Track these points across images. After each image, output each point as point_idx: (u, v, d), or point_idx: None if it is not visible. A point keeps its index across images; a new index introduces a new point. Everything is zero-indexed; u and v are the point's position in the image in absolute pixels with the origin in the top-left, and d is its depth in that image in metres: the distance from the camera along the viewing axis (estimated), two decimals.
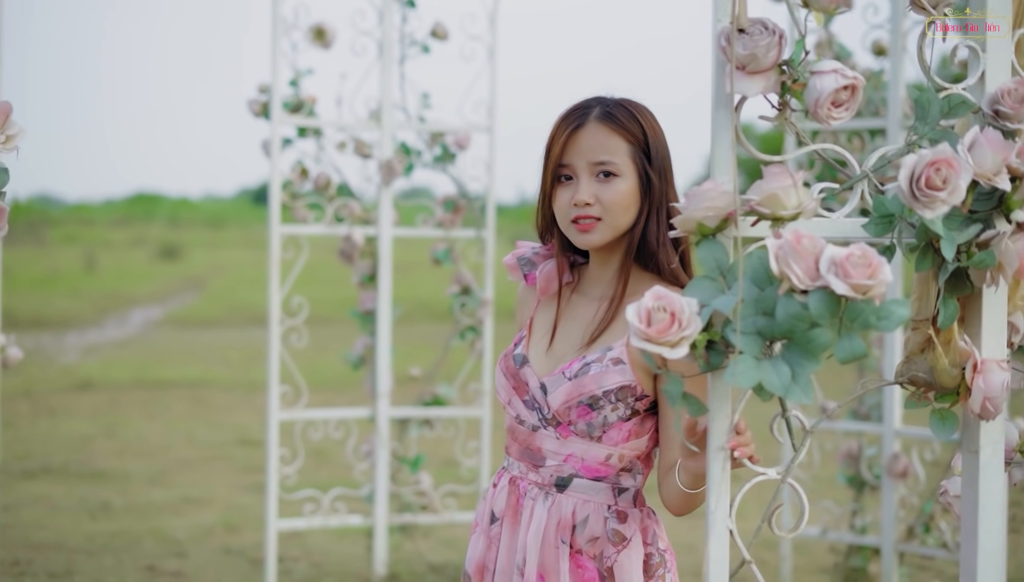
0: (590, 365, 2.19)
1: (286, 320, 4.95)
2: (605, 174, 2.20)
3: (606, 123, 2.21)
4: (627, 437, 2.22)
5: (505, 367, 2.31)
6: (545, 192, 2.27)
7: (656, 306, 1.76)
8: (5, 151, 2.18)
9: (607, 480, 2.23)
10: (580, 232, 2.21)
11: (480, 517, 2.35)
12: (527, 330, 2.33)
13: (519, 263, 2.38)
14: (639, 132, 2.23)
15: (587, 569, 2.22)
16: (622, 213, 2.21)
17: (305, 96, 4.91)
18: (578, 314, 2.30)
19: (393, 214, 4.94)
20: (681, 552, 4.62)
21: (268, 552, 4.89)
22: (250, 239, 34.86)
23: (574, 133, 2.21)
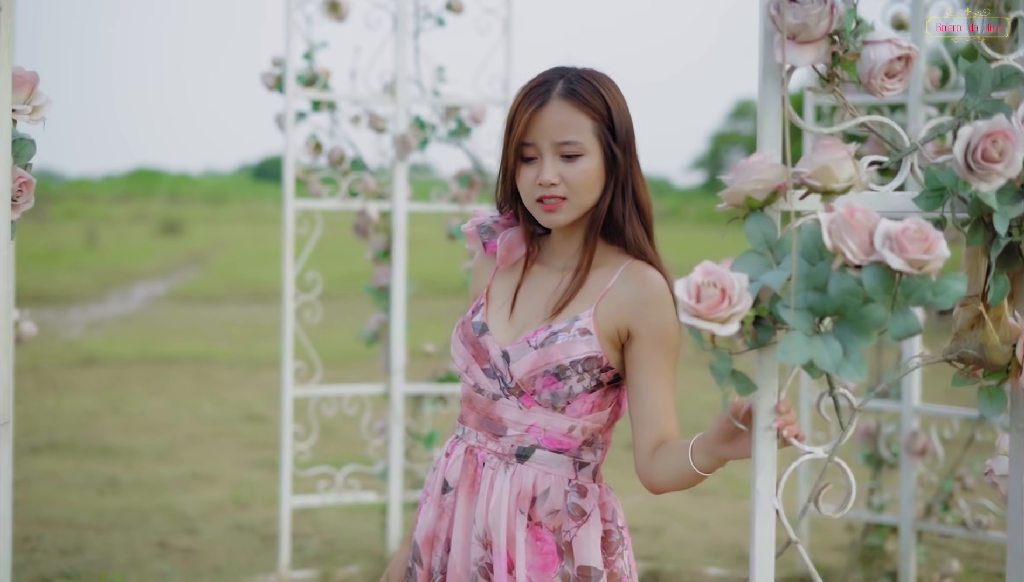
0: (557, 335, 2.16)
1: (300, 296, 4.89)
2: (569, 153, 2.16)
3: (569, 101, 2.16)
4: (590, 409, 2.19)
5: (464, 334, 2.27)
6: (507, 168, 2.23)
7: (706, 281, 1.72)
8: (32, 122, 2.13)
9: (568, 453, 2.20)
10: (545, 212, 2.18)
11: (430, 486, 2.31)
12: (484, 298, 2.30)
13: (478, 231, 2.34)
14: (603, 108, 2.18)
15: (546, 541, 2.19)
16: (587, 192, 2.18)
17: (319, 69, 4.86)
18: (540, 284, 2.26)
19: (407, 189, 4.89)
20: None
21: (282, 529, 4.86)
22: (251, 215, 34.82)
23: (537, 112, 2.16)
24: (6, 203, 2.04)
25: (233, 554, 5.38)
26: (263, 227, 31.03)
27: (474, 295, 2.37)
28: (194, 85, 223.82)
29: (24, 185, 2.12)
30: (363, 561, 5.14)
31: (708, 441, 1.97)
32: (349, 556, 5.25)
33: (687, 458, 2.03)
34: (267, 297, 18.87)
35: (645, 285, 2.18)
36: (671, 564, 5.10)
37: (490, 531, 2.18)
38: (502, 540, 2.17)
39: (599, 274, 2.22)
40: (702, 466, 2.02)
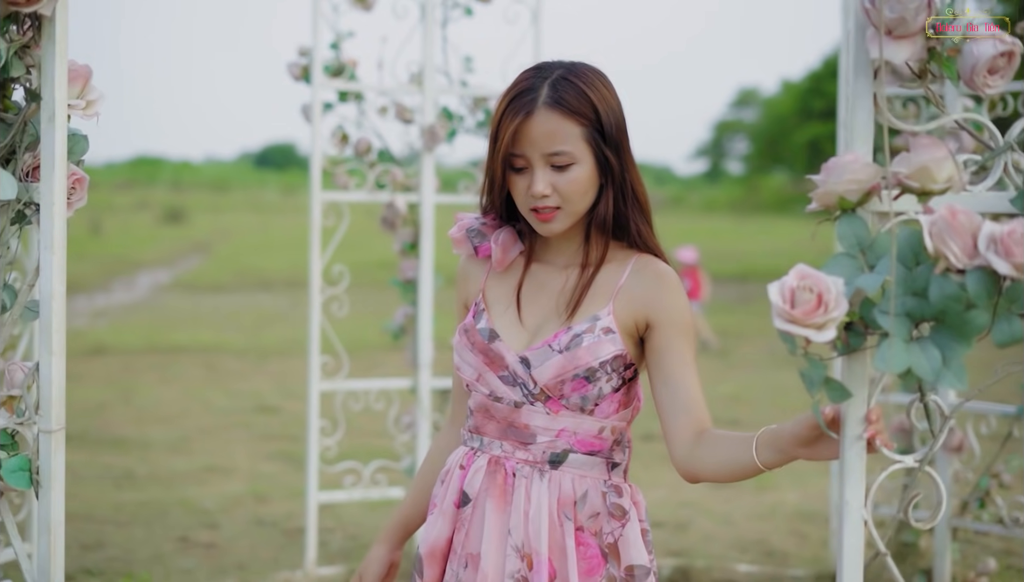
0: (581, 336, 2.10)
1: (326, 289, 4.83)
2: (559, 163, 2.08)
3: (556, 109, 2.07)
4: (617, 408, 2.15)
5: (471, 342, 2.19)
6: (496, 178, 2.15)
7: (801, 285, 1.66)
8: (86, 117, 2.07)
9: (601, 454, 2.15)
10: (541, 221, 2.12)
11: (438, 498, 2.23)
12: (483, 302, 2.22)
13: (467, 235, 2.25)
14: (590, 111, 2.09)
15: (589, 546, 2.13)
16: (580, 198, 2.11)
17: (346, 60, 4.79)
18: (543, 283, 2.20)
19: (435, 181, 4.82)
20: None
21: (308, 524, 4.81)
22: (254, 202, 34.76)
23: (523, 123, 2.07)
24: (63, 202, 1.97)
25: (256, 549, 5.32)
26: (266, 215, 31.01)
27: (463, 300, 2.29)
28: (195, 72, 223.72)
29: (77, 182, 2.06)
30: None
31: (782, 440, 1.91)
32: None
33: (750, 453, 1.97)
34: (273, 286, 18.84)
35: (661, 277, 2.15)
36: (700, 560, 5.04)
37: (530, 542, 2.11)
38: (544, 549, 2.10)
39: (609, 270, 2.17)
40: (768, 462, 1.96)
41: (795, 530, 5.73)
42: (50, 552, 2.01)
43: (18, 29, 1.95)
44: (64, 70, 1.96)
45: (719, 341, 13.12)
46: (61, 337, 1.98)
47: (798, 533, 5.68)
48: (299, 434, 8.08)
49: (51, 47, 1.94)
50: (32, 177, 2.01)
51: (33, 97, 1.96)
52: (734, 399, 9.66)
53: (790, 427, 1.89)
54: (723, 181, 44.87)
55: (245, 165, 50.57)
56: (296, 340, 12.75)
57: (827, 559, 4.96)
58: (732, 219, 30.35)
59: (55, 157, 1.95)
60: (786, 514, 5.99)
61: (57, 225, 1.97)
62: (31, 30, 1.96)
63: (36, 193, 1.98)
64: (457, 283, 2.32)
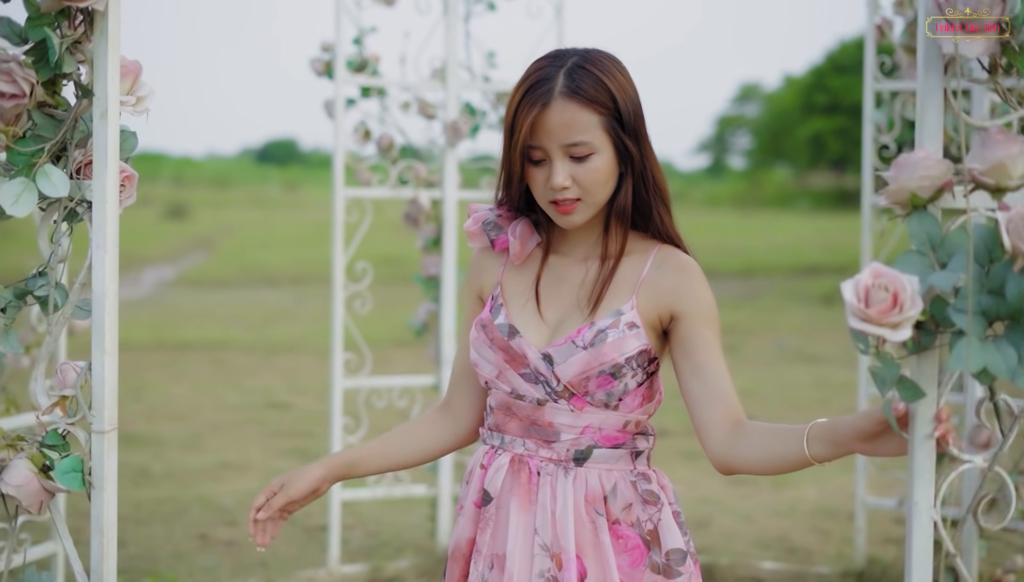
0: (606, 332, 2.05)
1: (349, 285, 4.80)
2: (578, 154, 2.04)
3: (573, 99, 2.03)
4: (641, 403, 2.11)
5: (490, 338, 2.14)
6: (514, 171, 2.09)
7: (876, 284, 1.64)
8: (136, 114, 2.04)
9: (625, 446, 2.12)
10: (561, 214, 2.08)
11: (463, 499, 2.20)
12: (501, 297, 2.17)
13: (484, 227, 2.21)
14: (608, 100, 2.05)
15: (629, 537, 2.10)
16: (600, 189, 2.07)
17: (369, 55, 4.76)
18: (562, 277, 2.16)
19: (457, 177, 4.80)
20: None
21: (332, 522, 4.79)
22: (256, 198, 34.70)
23: (540, 114, 2.03)
24: (115, 200, 1.95)
25: (277, 547, 5.30)
26: (268, 211, 30.96)
27: (477, 292, 2.25)
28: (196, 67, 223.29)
29: (127, 179, 2.03)
30: (411, 555, 5.07)
31: (840, 433, 1.88)
32: (395, 549, 5.17)
33: (800, 445, 1.93)
34: (278, 281, 18.82)
35: (684, 269, 2.11)
36: (724, 558, 5.02)
37: (557, 542, 2.08)
38: (571, 548, 2.06)
39: (630, 262, 2.13)
40: (820, 456, 1.92)
41: (816, 527, 5.71)
42: (103, 553, 1.99)
43: (70, 24, 1.93)
44: (116, 66, 1.93)
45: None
46: (114, 336, 1.96)
47: (819, 530, 5.66)
48: (312, 430, 8.07)
49: (103, 42, 1.91)
50: (82, 174, 1.98)
51: (85, 93, 1.94)
52: (745, 394, 9.63)
53: (851, 421, 1.86)
54: (725, 176, 44.84)
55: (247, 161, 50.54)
56: (303, 336, 12.74)
57: (851, 556, 4.93)
58: (735, 214, 30.30)
59: (108, 154, 1.93)
60: (806, 511, 5.97)
61: (110, 223, 1.95)
62: (83, 25, 1.93)
63: (87, 190, 1.95)
64: (470, 274, 2.28)
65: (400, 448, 2.27)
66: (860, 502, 4.79)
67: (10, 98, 1.88)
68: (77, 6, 1.87)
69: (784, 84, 42.19)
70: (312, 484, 2.20)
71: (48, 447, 1.97)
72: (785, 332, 13.69)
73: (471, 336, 2.17)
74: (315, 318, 14.47)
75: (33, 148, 1.93)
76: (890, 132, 4.68)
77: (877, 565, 4.76)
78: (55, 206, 1.98)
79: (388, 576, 4.77)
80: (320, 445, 7.59)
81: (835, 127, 35.94)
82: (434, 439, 2.29)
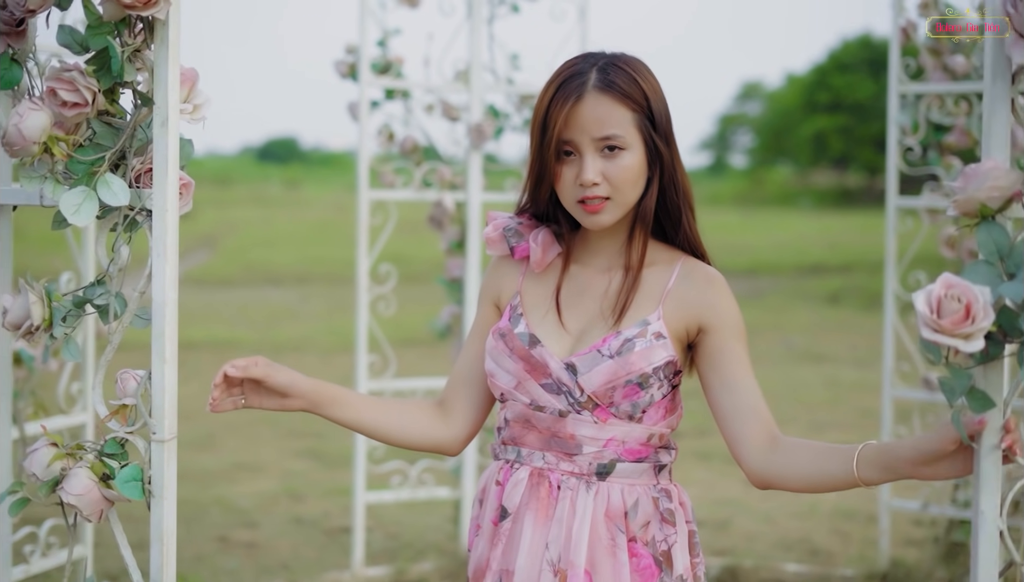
0: (633, 341, 2.01)
1: (373, 288, 4.80)
2: (610, 148, 2.01)
3: (607, 93, 2.01)
4: (664, 415, 2.07)
5: (510, 347, 2.08)
6: (543, 171, 2.06)
7: (948, 295, 1.64)
8: (192, 121, 2.03)
9: (648, 460, 2.07)
10: (588, 213, 2.03)
11: (480, 519, 2.15)
12: (521, 306, 2.12)
13: (504, 235, 2.16)
14: (641, 97, 2.03)
15: (642, 557, 2.04)
16: (631, 189, 2.04)
17: (393, 57, 4.75)
18: (584, 286, 2.11)
19: (481, 179, 4.80)
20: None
21: (356, 525, 4.79)
22: (257, 197, 34.66)
23: (574, 107, 2.01)
24: (175, 208, 1.95)
25: (298, 549, 5.30)
26: (270, 209, 30.92)
27: (493, 300, 2.20)
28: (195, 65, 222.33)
29: (184, 187, 2.03)
30: (433, 557, 5.07)
31: (896, 458, 1.84)
32: (417, 552, 5.16)
33: (849, 468, 1.89)
34: (282, 281, 18.81)
35: (712, 281, 2.08)
36: (747, 560, 5.01)
37: (566, 556, 2.02)
38: (580, 562, 2.00)
39: (654, 272, 2.10)
40: (870, 479, 1.89)
41: (837, 529, 5.71)
42: (163, 561, 1.99)
43: (129, 32, 1.92)
44: (177, 74, 1.92)
45: None
46: (173, 345, 1.96)
47: (840, 532, 5.66)
48: (324, 431, 8.06)
49: (164, 50, 1.91)
50: (141, 183, 1.97)
51: (145, 101, 1.93)
52: None
53: (913, 444, 1.82)
54: (727, 175, 44.85)
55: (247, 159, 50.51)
56: (309, 336, 12.73)
57: (874, 558, 4.93)
58: (737, 213, 30.28)
59: (168, 163, 1.92)
60: (826, 512, 5.97)
61: (170, 231, 1.95)
62: (143, 33, 1.93)
63: (146, 198, 1.95)
64: (486, 281, 2.23)
65: (383, 414, 2.16)
66: (884, 504, 4.79)
67: (72, 107, 1.88)
68: (141, 15, 1.86)
69: (786, 82, 42.21)
70: (291, 383, 2.09)
71: (107, 456, 1.97)
72: (792, 331, 13.69)
73: (488, 345, 2.12)
74: (320, 317, 14.47)
75: (93, 156, 1.92)
76: (915, 134, 4.67)
77: (901, 567, 4.76)
78: (112, 214, 1.97)
79: (412, 578, 4.77)
80: (333, 446, 7.59)
81: (837, 125, 35.94)
82: (420, 428, 2.18)
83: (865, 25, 78.73)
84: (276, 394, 2.11)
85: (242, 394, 2.11)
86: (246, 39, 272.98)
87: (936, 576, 4.62)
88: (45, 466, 1.95)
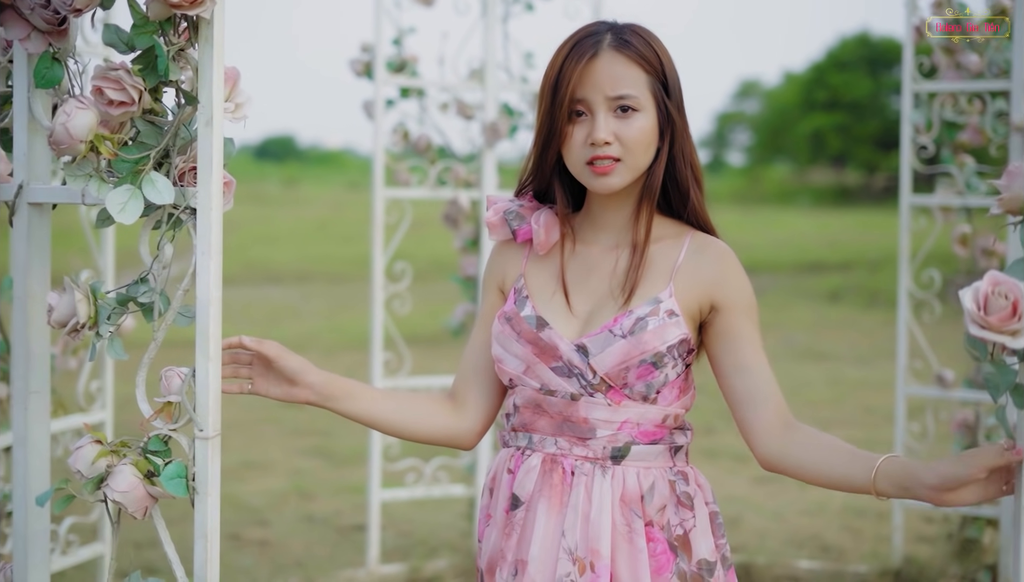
0: (646, 320, 1.97)
1: (388, 286, 4.81)
2: (623, 109, 1.98)
3: (622, 51, 1.98)
4: (678, 395, 2.03)
5: (517, 331, 2.04)
6: (551, 134, 2.01)
7: (995, 292, 1.65)
8: (234, 121, 2.05)
9: (663, 442, 2.02)
10: (597, 175, 1.99)
11: (492, 508, 2.10)
12: (525, 289, 2.08)
13: (506, 218, 2.11)
14: (656, 61, 2.00)
15: (657, 541, 1.99)
16: (643, 152, 2.00)
17: (407, 56, 4.76)
18: (591, 265, 2.07)
19: (496, 178, 4.81)
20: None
21: (371, 522, 4.81)
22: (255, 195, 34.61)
23: (588, 64, 1.97)
24: (219, 206, 1.96)
25: (311, 547, 5.31)
26: (268, 208, 30.88)
27: (498, 285, 2.16)
28: None
29: (225, 186, 2.04)
30: (448, 554, 5.08)
31: (917, 480, 1.81)
32: (430, 549, 5.18)
33: (867, 476, 1.87)
34: (282, 279, 18.81)
35: (723, 258, 2.04)
36: (759, 557, 5.03)
37: (587, 544, 1.97)
38: (606, 552, 1.96)
39: (662, 248, 2.05)
40: (885, 492, 1.87)
41: (847, 525, 5.73)
42: (206, 558, 2.00)
43: (174, 31, 1.93)
44: (221, 73, 1.93)
45: None
46: (217, 343, 1.97)
47: (851, 529, 5.68)
48: (331, 429, 8.08)
49: (209, 50, 1.92)
50: (184, 181, 1.98)
51: (189, 100, 1.94)
52: None
53: (937, 472, 1.79)
54: (725, 172, 44.89)
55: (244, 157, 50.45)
56: (310, 334, 12.74)
57: (887, 555, 4.95)
58: (735, 210, 30.30)
59: (212, 161, 1.94)
60: (835, 509, 5.99)
61: (214, 229, 1.96)
62: (187, 32, 1.94)
63: (190, 197, 1.96)
64: (489, 267, 2.19)
65: (395, 409, 2.12)
66: (897, 501, 4.80)
67: (119, 105, 1.89)
68: (188, 14, 1.87)
69: (784, 80, 42.27)
70: (301, 370, 2.08)
71: (152, 453, 1.98)
72: (793, 329, 13.71)
73: (495, 330, 2.08)
74: (321, 315, 14.47)
75: (138, 155, 1.93)
76: (928, 133, 4.69)
77: (914, 564, 4.77)
78: (155, 213, 1.99)
79: (427, 576, 4.78)
80: (340, 443, 7.61)
81: (835, 123, 35.97)
82: (433, 421, 2.14)
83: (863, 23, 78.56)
84: (284, 381, 2.09)
85: (250, 378, 2.09)
86: (252, 36, 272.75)
87: (949, 573, 4.63)
88: (90, 463, 1.96)
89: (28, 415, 2.08)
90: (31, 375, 2.09)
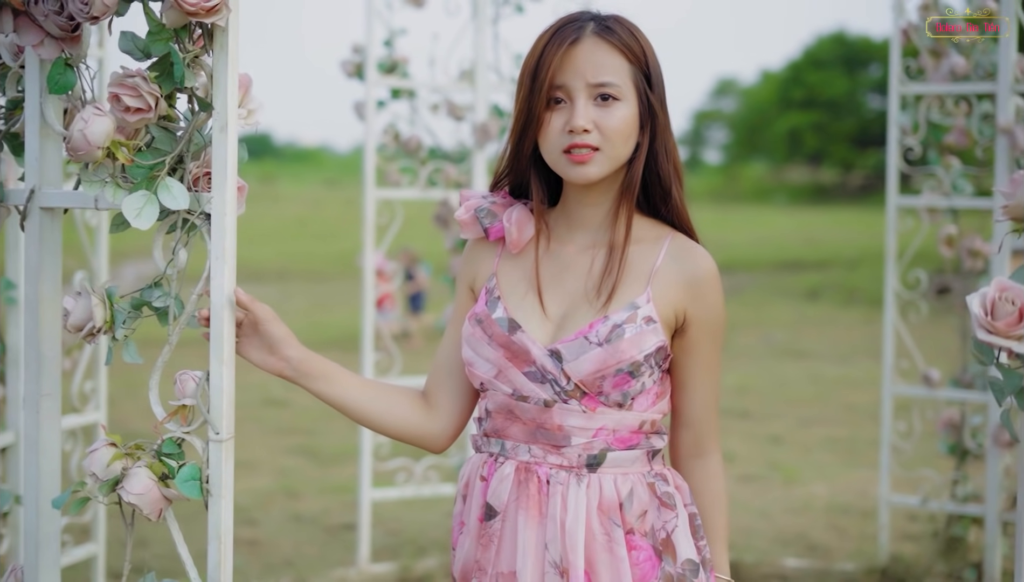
0: (623, 327, 1.90)
1: None
2: (604, 97, 1.92)
3: (605, 39, 1.93)
4: (654, 401, 1.98)
5: (489, 334, 1.97)
6: (528, 122, 1.95)
7: (1002, 298, 1.69)
8: (247, 126, 2.06)
9: (640, 447, 1.98)
10: (574, 164, 1.92)
11: (464, 516, 2.04)
12: (497, 289, 2.02)
13: (477, 216, 2.05)
14: (639, 51, 1.95)
15: (641, 549, 1.95)
16: (623, 142, 1.93)
17: (398, 57, 4.78)
18: (566, 265, 2.00)
19: (486, 178, 4.83)
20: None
21: (361, 522, 4.83)
22: None
23: (570, 49, 1.91)
24: (233, 211, 1.98)
25: (300, 546, 5.33)
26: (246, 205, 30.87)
27: (469, 284, 2.10)
28: None
29: (239, 190, 2.06)
30: (437, 553, 5.10)
31: None
32: (419, 548, 5.20)
33: (719, 550, 2.08)
34: (263, 277, 18.78)
35: (699, 265, 1.98)
36: (747, 556, 5.07)
37: (566, 556, 1.92)
38: (580, 562, 1.91)
39: (641, 250, 1.98)
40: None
41: (833, 524, 5.78)
42: (220, 560, 2.02)
43: (190, 38, 1.95)
44: (235, 80, 1.95)
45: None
46: (231, 347, 1.98)
47: (836, 527, 5.73)
48: (313, 428, 8.10)
49: (223, 57, 1.94)
50: (199, 186, 2.00)
51: (204, 106, 1.96)
52: (741, 390, 9.71)
53: None
54: (702, 170, 45.06)
55: None
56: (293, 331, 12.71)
57: (872, 553, 5.00)
58: (712, 209, 30.44)
59: (227, 167, 1.96)
60: (820, 508, 6.04)
61: (228, 234, 1.98)
62: (202, 39, 1.96)
63: (205, 202, 1.98)
64: (462, 266, 2.13)
65: (369, 399, 2.05)
66: (884, 500, 4.85)
67: (135, 112, 1.90)
68: (205, 21, 1.89)
69: (761, 79, 42.46)
70: (283, 340, 2.04)
71: (166, 456, 2.00)
72: (772, 327, 13.79)
73: (465, 332, 2.01)
74: (304, 314, 14.46)
75: (153, 161, 1.95)
76: (915, 134, 4.74)
77: (900, 562, 4.82)
78: (170, 218, 2.00)
79: (417, 575, 4.80)
80: (325, 442, 7.62)
81: (811, 122, 36.17)
82: (403, 417, 2.07)
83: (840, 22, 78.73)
84: (265, 347, 2.03)
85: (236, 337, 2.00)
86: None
87: (935, 571, 4.69)
88: (105, 466, 1.98)
89: (40, 418, 2.09)
90: (43, 378, 2.10)
